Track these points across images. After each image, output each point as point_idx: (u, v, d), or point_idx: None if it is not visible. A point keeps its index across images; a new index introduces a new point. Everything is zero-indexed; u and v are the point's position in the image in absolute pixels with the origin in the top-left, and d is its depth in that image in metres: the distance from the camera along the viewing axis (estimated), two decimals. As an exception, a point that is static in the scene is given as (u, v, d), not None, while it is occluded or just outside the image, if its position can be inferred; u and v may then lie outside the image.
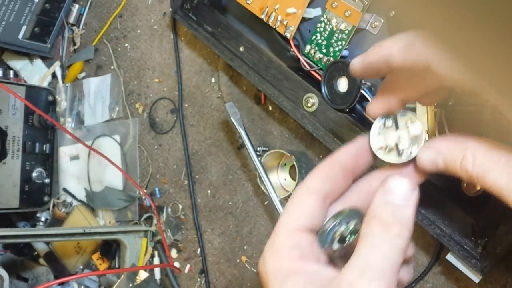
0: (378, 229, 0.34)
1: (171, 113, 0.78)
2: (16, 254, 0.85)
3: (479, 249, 0.50)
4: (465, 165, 0.33)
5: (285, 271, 0.35)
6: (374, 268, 0.32)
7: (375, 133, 0.39)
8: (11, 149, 0.79)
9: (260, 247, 0.71)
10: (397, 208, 0.34)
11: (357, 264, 0.33)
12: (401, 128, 0.38)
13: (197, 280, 0.76)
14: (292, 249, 0.36)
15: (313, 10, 0.57)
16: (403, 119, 0.39)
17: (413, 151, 0.37)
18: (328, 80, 0.55)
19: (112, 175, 0.82)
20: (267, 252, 0.37)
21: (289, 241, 0.36)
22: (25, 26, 0.82)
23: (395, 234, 0.33)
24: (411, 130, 0.38)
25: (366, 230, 0.34)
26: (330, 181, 0.38)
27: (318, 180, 0.38)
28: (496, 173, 0.31)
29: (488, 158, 0.32)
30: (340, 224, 0.38)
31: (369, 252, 0.33)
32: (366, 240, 0.34)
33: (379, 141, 0.38)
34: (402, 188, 0.35)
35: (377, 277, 0.32)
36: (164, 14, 0.78)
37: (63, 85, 0.88)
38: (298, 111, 0.58)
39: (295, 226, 0.37)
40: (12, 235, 0.68)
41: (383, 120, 0.39)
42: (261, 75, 0.61)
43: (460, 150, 0.33)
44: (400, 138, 0.38)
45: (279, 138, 0.68)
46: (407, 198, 0.34)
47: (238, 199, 0.72)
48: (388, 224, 0.34)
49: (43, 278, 0.86)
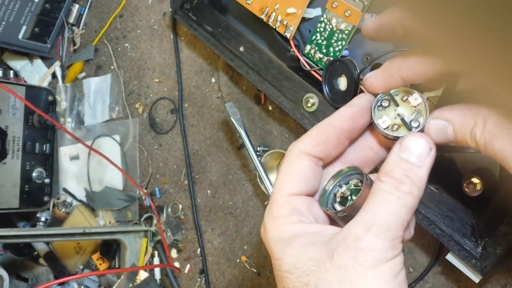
0: (389, 186, 0.33)
1: (171, 113, 0.78)
2: (16, 254, 0.85)
3: (479, 249, 0.50)
4: (475, 132, 0.32)
5: (287, 236, 0.35)
6: (381, 223, 0.32)
7: (378, 117, 0.38)
8: (11, 149, 0.79)
9: (260, 247, 0.71)
10: (411, 166, 0.34)
11: (365, 218, 0.33)
12: (400, 104, 0.37)
13: (197, 280, 0.76)
14: (291, 214, 0.36)
15: (313, 10, 0.57)
16: (398, 96, 0.38)
17: (421, 121, 0.36)
18: (329, 80, 0.55)
19: (112, 175, 0.82)
20: (266, 220, 0.37)
21: (287, 206, 0.36)
22: (25, 26, 0.82)
23: (405, 192, 0.33)
24: (412, 102, 0.37)
25: (378, 185, 0.34)
26: (322, 146, 0.37)
27: (309, 144, 0.37)
28: (503, 140, 0.31)
29: (497, 125, 0.32)
30: (340, 185, 0.38)
31: (377, 207, 0.33)
32: (376, 196, 0.34)
33: (385, 121, 0.37)
34: (419, 147, 0.34)
35: (383, 232, 0.32)
36: (164, 14, 0.78)
37: (63, 85, 0.88)
38: (298, 111, 0.58)
39: (291, 191, 0.37)
40: (12, 235, 0.68)
41: (379, 103, 0.38)
42: (261, 75, 0.61)
43: (472, 116, 0.33)
44: (403, 113, 0.37)
45: (279, 138, 0.68)
46: (423, 158, 0.34)
47: (238, 199, 0.72)
48: (400, 182, 0.33)
49: (43, 278, 0.86)
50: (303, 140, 0.38)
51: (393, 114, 0.38)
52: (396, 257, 0.32)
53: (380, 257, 0.32)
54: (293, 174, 0.37)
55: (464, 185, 0.49)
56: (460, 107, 0.34)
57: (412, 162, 0.34)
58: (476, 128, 0.32)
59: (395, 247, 0.32)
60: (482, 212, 0.51)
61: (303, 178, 0.37)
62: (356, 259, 0.32)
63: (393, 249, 0.32)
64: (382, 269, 0.32)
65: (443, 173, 0.52)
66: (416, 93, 0.37)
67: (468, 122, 0.33)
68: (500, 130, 0.31)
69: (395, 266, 0.32)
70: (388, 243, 0.32)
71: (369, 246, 0.32)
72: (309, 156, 0.37)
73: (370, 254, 0.32)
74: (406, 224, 0.33)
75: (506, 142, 0.31)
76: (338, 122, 0.37)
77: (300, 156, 0.37)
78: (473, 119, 0.33)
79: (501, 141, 0.31)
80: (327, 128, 0.38)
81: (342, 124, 0.37)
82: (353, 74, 0.52)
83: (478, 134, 0.32)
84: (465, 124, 0.33)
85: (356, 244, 0.32)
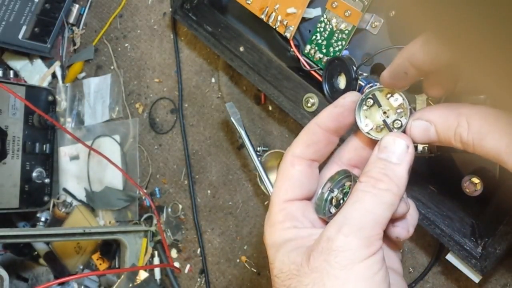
0: (366, 185, 0.34)
1: (171, 113, 0.78)
2: (16, 254, 0.85)
3: (479, 249, 0.50)
4: (459, 132, 0.32)
5: (280, 241, 0.36)
6: (353, 222, 0.32)
7: (361, 117, 0.38)
8: (11, 149, 0.79)
9: (260, 247, 0.71)
10: (388, 164, 0.34)
11: (338, 219, 0.33)
12: (383, 104, 0.38)
13: (197, 280, 0.76)
14: (285, 220, 0.37)
15: (313, 10, 0.57)
16: (381, 95, 0.38)
17: (402, 121, 0.36)
18: (329, 78, 0.55)
19: (112, 175, 0.82)
20: (265, 226, 0.38)
21: (282, 212, 0.37)
22: (25, 26, 0.82)
23: (382, 189, 0.33)
24: (393, 103, 0.37)
25: (356, 186, 0.34)
26: (313, 147, 0.38)
27: (301, 147, 0.38)
28: (493, 137, 0.31)
29: (485, 123, 0.31)
30: (332, 190, 0.38)
31: (351, 207, 0.33)
32: (352, 196, 0.34)
33: (368, 124, 0.38)
34: (396, 145, 0.34)
35: (355, 230, 0.32)
36: (164, 14, 0.78)
37: (63, 85, 0.88)
38: (298, 111, 0.58)
39: (286, 197, 0.37)
40: (12, 235, 0.68)
41: (364, 102, 0.38)
42: (261, 75, 0.61)
43: (454, 117, 0.32)
44: (386, 114, 0.38)
45: (279, 138, 0.68)
46: (401, 156, 0.34)
47: (238, 199, 0.72)
48: (377, 180, 0.33)
49: (43, 278, 0.86)
50: (294, 145, 0.38)
51: (377, 114, 0.38)
52: (373, 255, 0.32)
53: (353, 257, 0.31)
54: (287, 180, 0.38)
55: (464, 185, 0.49)
56: (442, 107, 0.34)
57: (390, 160, 0.34)
58: (461, 129, 0.32)
59: (370, 245, 0.32)
60: (482, 212, 0.51)
61: (297, 183, 0.37)
62: (328, 261, 0.32)
63: (368, 247, 0.32)
64: (356, 270, 0.31)
65: (443, 173, 0.52)
66: (397, 93, 0.37)
67: (451, 123, 0.33)
68: (488, 128, 0.31)
69: (371, 266, 0.32)
70: (361, 242, 0.32)
71: (340, 246, 0.32)
72: (302, 160, 0.38)
73: (341, 254, 0.32)
74: (386, 221, 0.33)
75: (497, 138, 0.30)
76: (324, 123, 0.38)
77: (293, 161, 0.38)
78: (455, 120, 0.32)
79: (491, 138, 0.31)
80: (315, 129, 0.38)
81: (329, 124, 0.38)
82: (351, 71, 0.52)
83: (464, 134, 0.32)
84: (447, 125, 0.33)
85: (328, 245, 0.32)
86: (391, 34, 0.53)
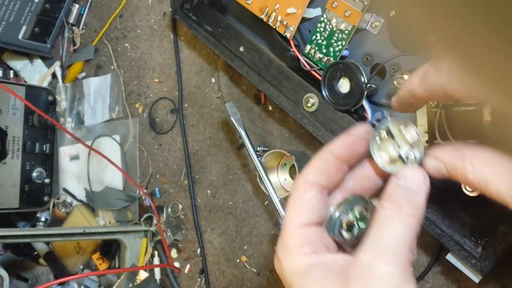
0: (391, 211, 0.35)
1: (171, 113, 0.78)
2: (16, 254, 0.85)
3: (479, 249, 0.50)
4: (464, 174, 0.34)
5: (302, 267, 0.36)
6: (390, 248, 0.34)
7: (376, 150, 0.40)
8: (11, 149, 0.79)
9: (260, 247, 0.71)
10: (409, 192, 0.36)
11: (373, 245, 0.34)
12: (396, 136, 0.40)
13: (197, 280, 0.76)
14: (303, 245, 0.37)
15: (313, 10, 0.57)
16: (395, 126, 0.39)
17: (416, 155, 0.38)
18: (328, 82, 0.55)
19: (112, 175, 0.82)
20: (280, 253, 0.38)
21: (299, 238, 0.37)
22: (25, 26, 0.82)
23: (408, 214, 0.35)
24: (407, 136, 0.39)
25: (381, 211, 0.36)
26: (325, 173, 0.39)
27: (314, 173, 0.39)
28: (497, 180, 0.32)
29: (487, 166, 0.33)
30: (345, 213, 0.39)
31: (384, 233, 0.34)
32: (381, 221, 0.35)
33: (382, 157, 0.40)
34: (415, 176, 0.37)
35: (394, 257, 0.33)
36: (164, 14, 0.78)
37: (63, 85, 0.88)
38: (298, 111, 0.58)
39: (301, 223, 0.38)
40: (12, 235, 0.68)
41: (377, 134, 0.40)
42: (261, 75, 0.61)
43: (459, 159, 0.35)
44: (399, 147, 0.39)
45: (279, 138, 0.68)
46: (420, 185, 0.36)
47: (238, 199, 0.72)
48: (401, 205, 0.35)
49: (43, 278, 0.86)
50: (307, 171, 0.40)
51: (390, 147, 0.40)
52: (409, 279, 0.33)
53: (394, 283, 0.33)
54: (301, 204, 0.38)
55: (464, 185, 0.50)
56: (450, 149, 0.36)
57: (410, 188, 0.36)
58: (466, 172, 0.34)
59: (407, 269, 0.33)
60: (482, 212, 0.51)
61: (311, 208, 0.38)
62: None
63: (405, 272, 0.33)
64: None
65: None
66: (412, 128, 0.39)
67: (457, 165, 0.35)
68: (490, 171, 0.33)
69: None
70: (399, 267, 0.33)
71: (381, 272, 0.33)
72: (314, 186, 0.39)
73: (382, 281, 0.33)
74: (413, 245, 0.35)
75: (499, 181, 0.32)
76: (337, 151, 0.39)
77: (306, 186, 0.39)
78: (461, 162, 0.34)
79: (494, 181, 0.33)
80: (328, 157, 0.39)
81: (342, 153, 0.39)
82: (359, 80, 0.52)
83: (469, 177, 0.34)
84: (454, 167, 0.35)
85: (368, 272, 0.33)
86: (391, 34, 0.53)
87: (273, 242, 0.70)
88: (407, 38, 0.51)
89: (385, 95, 0.55)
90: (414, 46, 0.50)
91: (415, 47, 0.50)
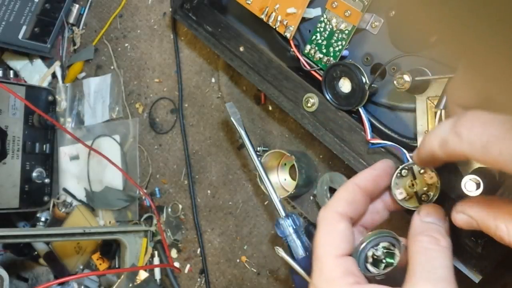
0: (431, 244, 0.37)
1: (171, 113, 0.78)
2: (16, 254, 0.85)
3: (479, 249, 0.50)
4: (499, 235, 0.35)
5: None
6: (443, 276, 0.35)
7: (395, 185, 0.43)
8: (11, 149, 0.79)
9: (260, 247, 0.71)
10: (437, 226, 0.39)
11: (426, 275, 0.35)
12: (417, 176, 0.44)
13: (197, 280, 0.76)
14: (345, 275, 0.37)
15: (313, 10, 0.57)
16: (416, 168, 0.44)
17: (431, 196, 0.43)
18: (329, 82, 0.55)
19: (112, 175, 0.82)
20: (320, 283, 0.38)
21: (339, 268, 0.38)
22: (25, 26, 0.82)
23: (444, 246, 0.37)
24: (426, 177, 0.44)
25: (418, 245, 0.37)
26: (354, 205, 0.41)
27: (344, 205, 0.40)
28: None
29: None
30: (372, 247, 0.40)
31: (432, 263, 0.36)
32: (423, 254, 0.37)
33: (402, 192, 0.43)
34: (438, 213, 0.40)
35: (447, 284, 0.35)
36: (164, 14, 0.78)
37: (63, 85, 0.88)
38: (298, 111, 0.58)
39: (338, 253, 0.38)
40: (12, 235, 0.68)
41: (400, 170, 0.43)
42: (261, 75, 0.61)
43: (492, 219, 0.35)
44: (417, 186, 0.44)
45: (279, 138, 0.68)
46: (442, 221, 0.39)
47: (238, 199, 0.72)
48: (438, 239, 0.37)
49: (43, 278, 0.86)
50: (336, 203, 0.41)
51: (408, 183, 0.44)
52: None
53: None
54: (336, 235, 0.39)
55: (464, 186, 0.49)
56: (478, 205, 0.37)
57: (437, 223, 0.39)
58: (501, 234, 0.35)
59: None
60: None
61: (346, 238, 0.39)
62: None
63: None
64: None
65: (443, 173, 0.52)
66: (432, 172, 0.43)
67: (490, 226, 0.35)
68: None
69: None
70: None
71: None
72: (345, 216, 0.40)
73: None
74: None
75: None
76: (364, 183, 0.42)
77: (337, 217, 0.40)
78: (493, 223, 0.35)
79: None
80: (355, 189, 0.41)
81: (367, 185, 0.42)
82: (360, 80, 0.52)
83: (505, 239, 0.34)
84: (487, 226, 0.36)
85: None
86: (391, 34, 0.53)
87: (273, 242, 0.70)
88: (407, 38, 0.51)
89: (385, 95, 0.55)
90: (414, 46, 0.50)
91: (415, 47, 0.50)
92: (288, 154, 0.62)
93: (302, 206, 0.66)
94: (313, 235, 0.64)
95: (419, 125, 0.50)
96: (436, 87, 0.49)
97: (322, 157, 0.64)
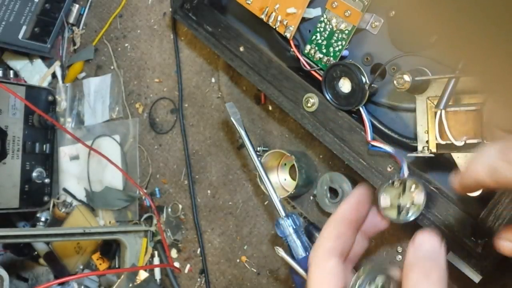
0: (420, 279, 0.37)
1: (171, 113, 0.78)
2: (16, 254, 0.85)
3: (479, 249, 0.50)
4: None
5: None
6: None
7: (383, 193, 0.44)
8: (11, 149, 0.79)
9: (260, 247, 0.71)
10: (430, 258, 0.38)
11: None
12: (407, 191, 0.44)
13: (197, 280, 0.76)
14: None
15: (313, 10, 0.57)
16: (411, 183, 0.44)
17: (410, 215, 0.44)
18: (329, 82, 0.55)
19: (112, 175, 0.82)
20: None
21: None
22: (25, 26, 0.82)
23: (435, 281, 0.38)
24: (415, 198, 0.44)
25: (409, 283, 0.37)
26: (342, 238, 0.41)
27: (331, 240, 0.41)
28: None
29: None
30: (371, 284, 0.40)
31: None
32: None
33: (386, 201, 0.44)
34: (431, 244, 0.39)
35: None
36: (164, 14, 0.78)
37: (63, 85, 0.88)
38: (298, 111, 0.58)
39: None
40: (12, 235, 0.68)
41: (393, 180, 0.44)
42: (261, 75, 0.61)
43: None
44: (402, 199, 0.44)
45: (279, 138, 0.68)
46: (437, 251, 0.39)
47: (238, 199, 0.72)
48: (428, 273, 0.37)
49: (43, 278, 0.86)
50: (324, 240, 0.41)
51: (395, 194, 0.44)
52: None
53: None
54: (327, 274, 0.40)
55: None
56: None
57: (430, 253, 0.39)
58: None
59: None
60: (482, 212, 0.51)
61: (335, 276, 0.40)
62: None
63: None
64: None
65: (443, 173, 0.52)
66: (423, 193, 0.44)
67: None
68: None
69: None
70: None
71: None
72: (333, 253, 0.40)
73: None
74: None
75: None
76: (347, 214, 0.42)
77: (326, 255, 0.40)
78: None
79: None
80: (339, 221, 0.42)
81: (351, 214, 0.42)
82: (360, 80, 0.52)
83: None
84: None
85: None
86: (391, 34, 0.53)
87: (273, 242, 0.70)
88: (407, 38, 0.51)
89: (385, 95, 0.55)
90: (414, 46, 0.50)
91: (415, 47, 0.50)
92: (288, 154, 0.62)
93: (302, 206, 0.66)
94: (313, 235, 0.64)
95: (419, 125, 0.50)
96: (436, 87, 0.49)
97: (322, 157, 0.64)
